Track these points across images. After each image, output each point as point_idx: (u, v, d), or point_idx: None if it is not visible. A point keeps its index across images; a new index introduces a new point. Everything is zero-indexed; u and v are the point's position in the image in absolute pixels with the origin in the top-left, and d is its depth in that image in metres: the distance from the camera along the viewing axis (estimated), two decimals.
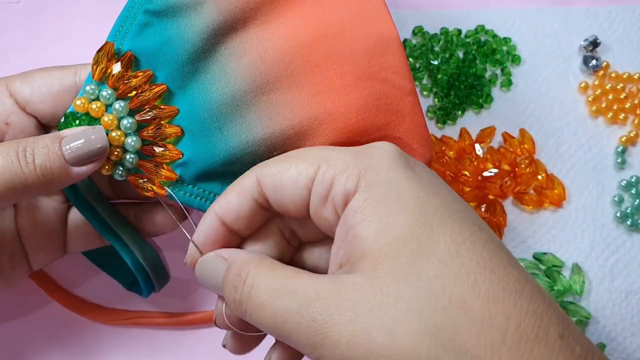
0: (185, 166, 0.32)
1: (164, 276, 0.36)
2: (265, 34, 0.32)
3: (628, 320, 0.41)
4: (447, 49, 0.47)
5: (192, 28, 0.32)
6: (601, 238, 0.43)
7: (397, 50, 0.32)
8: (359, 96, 0.31)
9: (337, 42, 0.32)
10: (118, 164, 0.32)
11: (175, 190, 0.32)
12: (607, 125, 0.46)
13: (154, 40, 0.32)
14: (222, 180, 0.32)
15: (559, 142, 0.45)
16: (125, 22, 0.32)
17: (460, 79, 0.46)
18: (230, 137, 0.31)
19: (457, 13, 0.48)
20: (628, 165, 0.45)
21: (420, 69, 0.46)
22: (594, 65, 0.46)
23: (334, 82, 0.32)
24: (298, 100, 0.31)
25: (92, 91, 0.31)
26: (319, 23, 0.32)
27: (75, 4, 0.46)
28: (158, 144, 0.32)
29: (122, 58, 0.32)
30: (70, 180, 0.30)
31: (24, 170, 0.28)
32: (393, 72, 0.32)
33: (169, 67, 0.32)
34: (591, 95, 0.46)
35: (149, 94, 0.31)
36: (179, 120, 0.32)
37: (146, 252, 0.34)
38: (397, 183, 0.25)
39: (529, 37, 0.47)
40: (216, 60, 0.32)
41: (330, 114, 0.31)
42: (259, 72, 0.32)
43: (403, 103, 0.32)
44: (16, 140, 0.29)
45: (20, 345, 0.39)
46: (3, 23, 0.45)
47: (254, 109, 0.32)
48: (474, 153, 0.44)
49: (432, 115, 0.45)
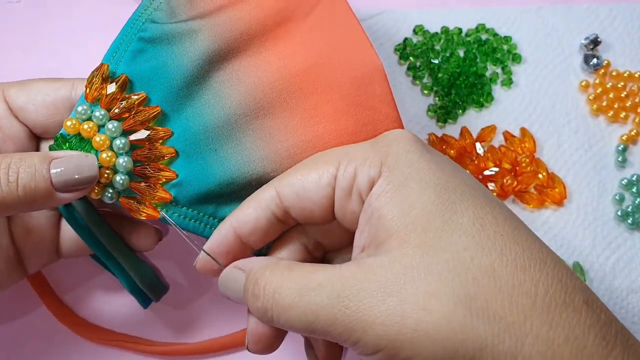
0: (180, 187, 0.32)
1: (162, 290, 0.36)
2: (258, 63, 0.33)
3: (629, 319, 0.41)
4: (448, 47, 0.47)
5: (187, 55, 0.33)
6: (602, 237, 0.43)
7: (382, 80, 0.34)
8: (349, 122, 0.33)
9: (326, 71, 0.34)
10: (108, 186, 0.31)
11: (169, 213, 0.31)
12: (607, 123, 0.46)
13: (149, 65, 0.32)
14: (217, 201, 0.32)
15: (560, 141, 0.45)
16: (120, 48, 0.33)
17: (461, 77, 0.46)
18: (226, 158, 0.32)
19: (457, 12, 0.48)
20: (629, 163, 0.45)
21: (421, 68, 0.46)
22: (595, 63, 0.46)
23: (325, 108, 0.33)
24: (291, 125, 0.33)
25: (84, 111, 0.31)
26: (309, 53, 0.34)
27: (75, 4, 0.46)
28: (151, 164, 0.31)
29: (117, 80, 0.32)
30: (53, 205, 0.29)
31: (3, 189, 0.27)
32: (379, 101, 0.34)
33: (163, 91, 0.32)
34: (592, 93, 0.46)
35: (143, 115, 0.31)
36: (173, 142, 0.32)
37: (141, 271, 0.34)
38: (416, 165, 0.25)
39: (529, 35, 0.47)
40: (210, 87, 0.33)
41: (322, 138, 0.32)
42: (253, 98, 0.33)
43: (390, 129, 0.33)
44: (2, 155, 0.28)
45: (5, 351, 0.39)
46: (3, 23, 0.45)
47: (248, 132, 0.32)
48: (474, 152, 0.44)
49: (432, 114, 0.45)
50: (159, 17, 0.34)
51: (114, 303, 0.40)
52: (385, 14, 0.48)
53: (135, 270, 0.34)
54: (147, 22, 0.33)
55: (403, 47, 0.47)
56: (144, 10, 0.34)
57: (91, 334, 0.38)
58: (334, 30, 0.35)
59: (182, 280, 0.40)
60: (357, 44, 0.35)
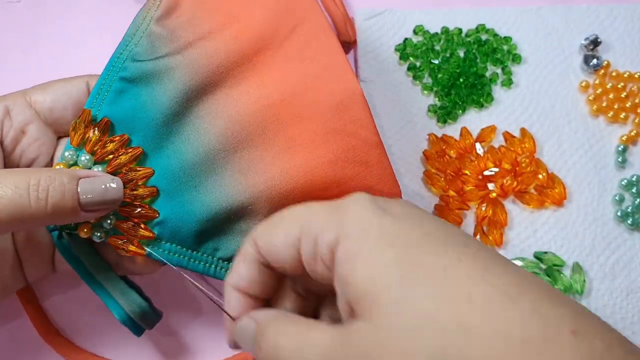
0: (162, 225, 0.32)
1: (154, 319, 0.35)
2: (236, 95, 0.34)
3: (629, 319, 0.41)
4: (448, 47, 0.47)
5: (165, 93, 0.33)
6: (602, 237, 0.43)
7: (361, 104, 0.34)
8: (328, 150, 0.33)
9: (304, 100, 0.33)
10: (96, 226, 0.32)
11: (154, 249, 0.32)
12: (607, 124, 0.46)
13: (129, 105, 0.33)
14: (200, 236, 0.33)
15: (560, 141, 0.45)
16: (102, 89, 0.33)
17: (461, 78, 0.46)
18: (205, 194, 0.33)
19: (457, 12, 0.48)
20: (629, 164, 0.45)
21: (421, 68, 0.46)
22: (595, 64, 0.46)
23: (303, 137, 0.33)
24: (269, 157, 0.33)
25: (70, 157, 0.32)
26: (287, 83, 0.34)
27: (74, 4, 0.46)
28: (134, 204, 0.32)
29: (99, 124, 0.33)
30: (76, 221, 0.31)
31: (32, 205, 0.28)
32: (359, 126, 0.33)
33: (144, 130, 0.33)
34: (592, 94, 0.46)
35: (125, 157, 0.32)
36: (155, 180, 0.33)
37: (133, 302, 0.34)
38: (373, 227, 0.25)
39: (529, 35, 0.47)
40: (189, 122, 0.33)
41: (301, 168, 0.32)
42: (232, 131, 0.33)
43: (370, 154, 0.33)
44: (32, 170, 0.29)
45: None
46: (3, 22, 0.45)
47: (227, 167, 0.33)
48: (474, 152, 0.44)
49: (432, 114, 0.45)
50: (139, 54, 0.34)
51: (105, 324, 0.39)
52: (386, 13, 0.48)
53: (126, 300, 0.34)
54: (127, 60, 0.34)
55: (403, 47, 0.47)
56: (125, 47, 0.34)
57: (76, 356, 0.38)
58: (313, 54, 0.35)
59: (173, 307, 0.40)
60: (336, 68, 0.34)
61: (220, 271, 0.33)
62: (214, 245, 0.33)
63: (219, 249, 0.33)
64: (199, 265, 0.33)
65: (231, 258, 0.33)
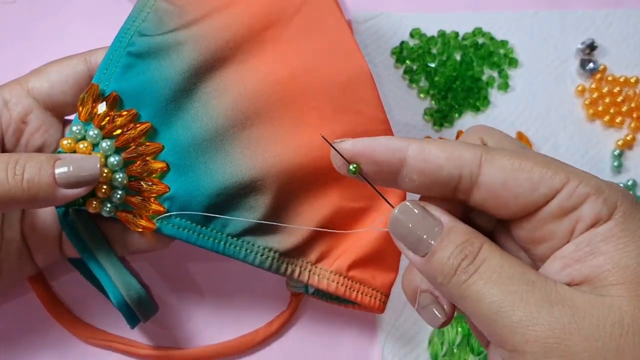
0: (173, 200, 0.32)
1: (151, 310, 0.35)
2: (244, 72, 0.34)
3: None
4: (445, 51, 0.47)
5: (174, 68, 0.33)
6: None
7: (368, 83, 0.34)
8: (335, 127, 0.33)
9: (313, 77, 0.34)
10: (106, 200, 0.32)
11: (163, 224, 0.32)
12: (603, 128, 0.46)
13: (138, 80, 0.33)
14: (209, 211, 0.32)
15: (556, 145, 0.45)
16: (110, 64, 0.33)
17: (458, 81, 0.46)
18: (215, 170, 0.32)
19: (454, 16, 0.48)
20: (625, 168, 0.45)
21: (417, 71, 0.46)
22: (591, 68, 0.46)
23: (311, 115, 0.33)
24: (278, 133, 0.33)
25: (78, 131, 0.32)
26: (295, 60, 0.34)
27: (70, 3, 0.46)
28: (145, 179, 0.32)
29: (107, 98, 0.32)
30: (56, 201, 0.30)
31: (9, 182, 0.28)
32: (366, 104, 0.34)
33: (152, 106, 0.33)
34: (588, 98, 0.46)
35: (134, 132, 0.32)
36: (165, 155, 0.33)
37: (131, 288, 0.34)
38: None
39: (526, 40, 0.47)
40: (198, 98, 0.33)
41: (309, 145, 0.33)
42: (240, 108, 0.33)
43: (377, 132, 0.34)
44: (12, 154, 0.30)
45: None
46: None
47: (236, 143, 0.33)
48: None
49: (429, 117, 0.45)
50: (147, 29, 0.34)
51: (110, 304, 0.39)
52: (383, 16, 0.48)
53: (123, 283, 0.33)
54: (135, 35, 0.33)
55: (400, 50, 0.47)
56: (132, 23, 0.34)
57: (85, 333, 0.38)
58: (320, 32, 0.35)
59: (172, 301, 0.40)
60: (343, 46, 0.34)
61: (229, 247, 0.33)
62: (223, 221, 0.33)
63: (228, 224, 0.33)
64: (208, 241, 0.33)
65: (240, 234, 0.33)
